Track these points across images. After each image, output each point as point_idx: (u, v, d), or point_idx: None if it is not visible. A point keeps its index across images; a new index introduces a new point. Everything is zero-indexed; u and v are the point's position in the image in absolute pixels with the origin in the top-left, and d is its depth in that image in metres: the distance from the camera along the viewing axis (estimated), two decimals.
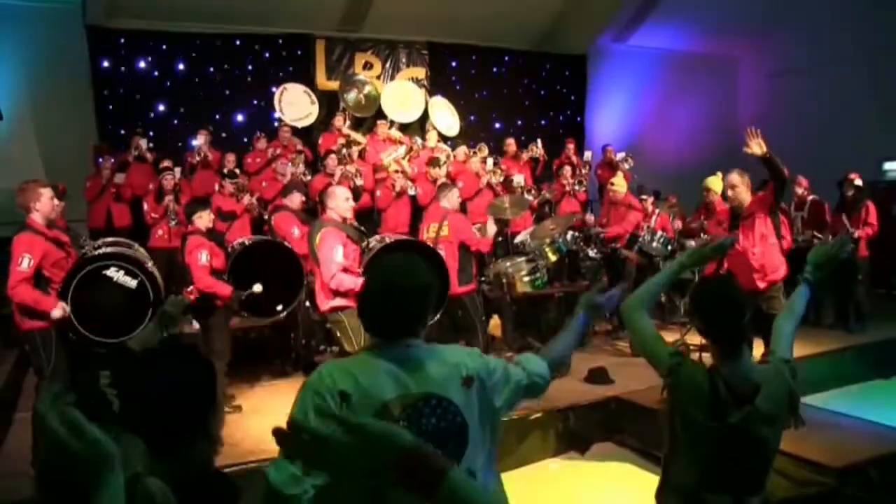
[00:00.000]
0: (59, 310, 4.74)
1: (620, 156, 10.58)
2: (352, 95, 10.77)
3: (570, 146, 11.16)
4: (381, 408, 1.83)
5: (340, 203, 5.52)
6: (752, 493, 2.34)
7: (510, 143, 10.68)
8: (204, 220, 5.96)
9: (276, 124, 9.91)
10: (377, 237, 6.45)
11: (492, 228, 6.66)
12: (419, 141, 10.18)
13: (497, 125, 12.31)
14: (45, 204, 4.81)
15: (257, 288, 5.97)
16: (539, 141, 10.73)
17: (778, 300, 5.40)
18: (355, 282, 5.24)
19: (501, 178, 9.62)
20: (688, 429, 2.32)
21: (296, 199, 7.30)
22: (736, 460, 2.28)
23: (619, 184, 8.28)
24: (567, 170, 10.15)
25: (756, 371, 2.34)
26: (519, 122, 12.47)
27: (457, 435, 1.90)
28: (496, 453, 2.05)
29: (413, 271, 2.01)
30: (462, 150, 10.10)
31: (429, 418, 1.85)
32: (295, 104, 10.17)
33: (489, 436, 2.01)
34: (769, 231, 5.60)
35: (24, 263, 4.62)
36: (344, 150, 9.50)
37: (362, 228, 6.31)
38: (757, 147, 5.13)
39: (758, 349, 3.66)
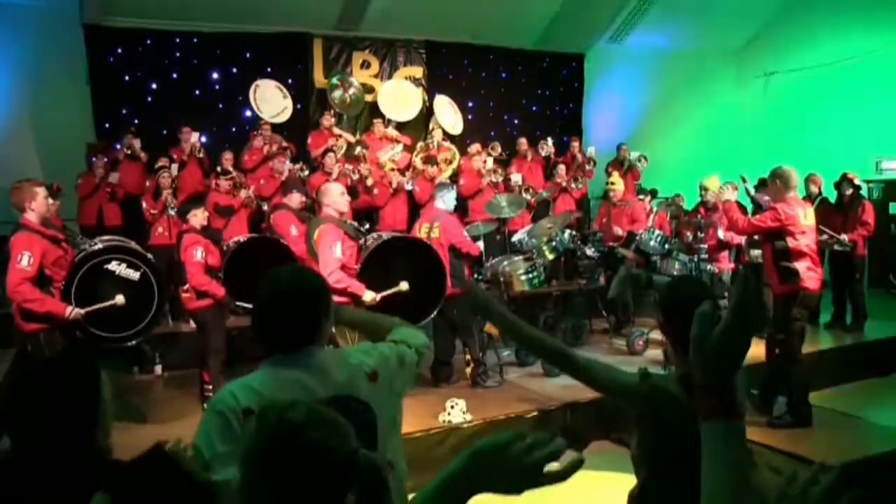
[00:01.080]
0: (74, 312, 4.70)
1: (634, 155, 10.57)
2: (337, 94, 10.74)
3: (575, 144, 11.14)
4: None
5: (336, 198, 5.53)
6: None
7: (522, 142, 10.69)
8: (199, 218, 5.98)
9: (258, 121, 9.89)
10: (374, 234, 6.44)
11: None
12: (434, 140, 10.20)
13: (494, 124, 12.30)
14: (40, 203, 4.78)
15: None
16: (550, 139, 10.74)
17: None
18: (352, 282, 5.26)
19: (501, 178, 9.63)
20: (677, 447, 2.24)
21: (295, 199, 7.30)
22: None
23: (618, 183, 8.26)
24: (561, 168, 10.16)
25: None
26: (516, 122, 12.46)
27: (369, 431, 1.83)
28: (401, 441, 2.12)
29: (299, 279, 2.01)
30: (476, 147, 10.09)
31: None
32: (269, 101, 10.10)
33: (397, 420, 2.08)
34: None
35: (25, 261, 4.55)
36: (359, 149, 9.53)
37: (359, 227, 6.31)
38: None
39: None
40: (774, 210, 5.39)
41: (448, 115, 11.03)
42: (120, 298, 5.04)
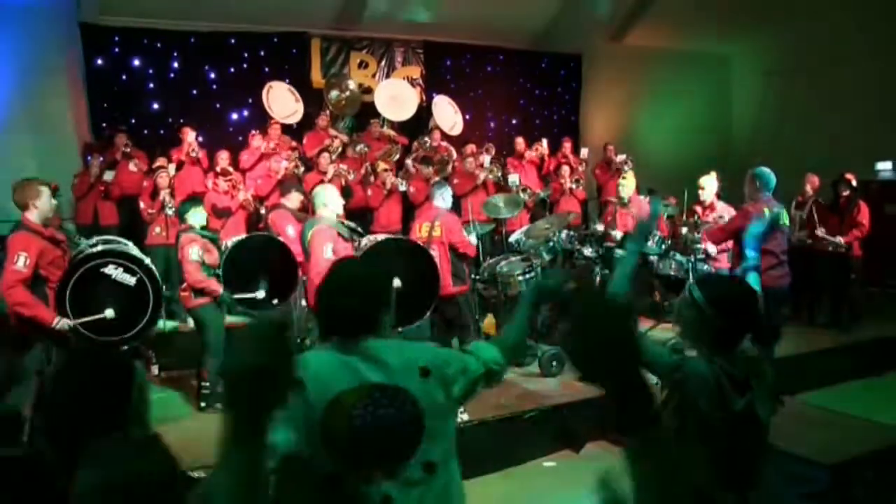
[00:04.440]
0: (62, 323, 4.74)
1: (620, 158, 10.57)
2: (334, 94, 10.75)
3: (567, 145, 11.15)
4: (333, 398, 1.85)
5: (331, 200, 5.57)
6: (753, 486, 2.38)
7: (519, 142, 10.69)
8: (198, 217, 5.98)
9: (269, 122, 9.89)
10: (369, 236, 6.46)
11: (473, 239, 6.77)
12: (428, 141, 10.21)
13: (492, 124, 12.33)
14: (44, 202, 4.81)
15: (262, 291, 6.01)
16: (544, 140, 10.75)
17: None
18: None
19: (500, 174, 9.62)
20: (699, 423, 2.34)
21: (294, 199, 7.28)
22: (742, 450, 2.33)
23: (629, 181, 8.20)
24: (565, 169, 10.17)
25: (742, 357, 2.42)
26: (514, 121, 12.48)
27: (414, 424, 1.89)
28: (455, 446, 2.09)
29: (364, 274, 2.14)
30: (470, 147, 10.10)
31: (386, 408, 1.83)
32: (281, 102, 10.13)
33: (449, 426, 2.07)
34: None
35: (20, 262, 4.57)
36: (360, 146, 9.60)
37: (357, 228, 6.32)
38: None
39: None
40: (742, 211, 5.87)
41: (447, 115, 11.03)
42: (109, 313, 5.07)
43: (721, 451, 2.32)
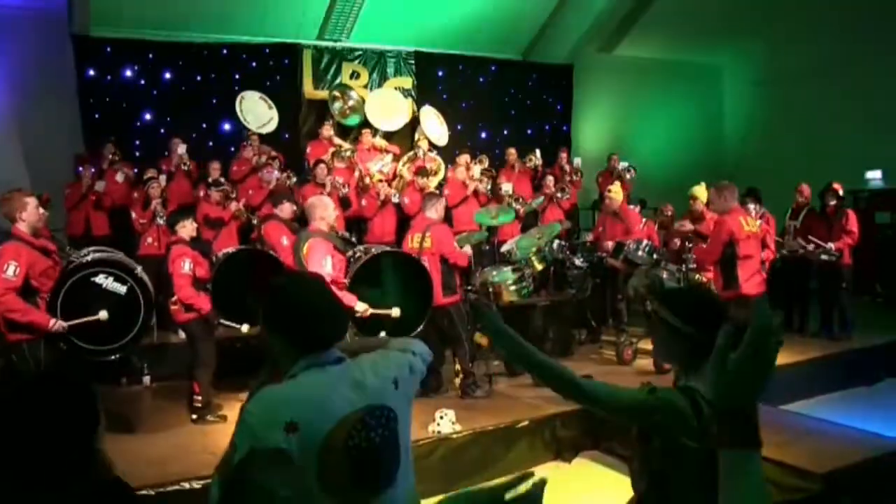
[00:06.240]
0: (57, 325, 4.74)
1: (623, 165, 10.64)
2: (337, 105, 10.78)
3: (564, 155, 11.17)
4: (333, 427, 1.82)
5: (327, 212, 5.57)
6: None
7: (511, 153, 10.71)
8: (188, 229, 5.96)
9: (244, 132, 9.89)
10: (362, 247, 6.47)
11: (468, 248, 6.78)
12: (421, 150, 10.25)
13: (483, 134, 12.35)
14: (31, 213, 4.79)
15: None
16: (538, 151, 10.78)
17: None
18: (343, 294, 5.26)
19: (489, 186, 9.63)
20: (678, 460, 2.17)
21: (286, 209, 7.27)
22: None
23: (616, 192, 8.26)
24: (549, 179, 10.19)
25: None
26: (505, 132, 12.50)
27: (396, 441, 1.95)
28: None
29: (321, 285, 2.08)
30: (464, 157, 10.10)
31: (376, 430, 1.88)
32: (254, 112, 10.10)
33: (409, 431, 2.07)
34: None
35: (10, 271, 4.56)
36: (349, 152, 9.64)
37: (351, 238, 6.34)
38: None
39: None
40: (720, 224, 6.06)
41: (434, 125, 11.05)
42: (103, 314, 5.07)
43: (701, 483, 2.04)
